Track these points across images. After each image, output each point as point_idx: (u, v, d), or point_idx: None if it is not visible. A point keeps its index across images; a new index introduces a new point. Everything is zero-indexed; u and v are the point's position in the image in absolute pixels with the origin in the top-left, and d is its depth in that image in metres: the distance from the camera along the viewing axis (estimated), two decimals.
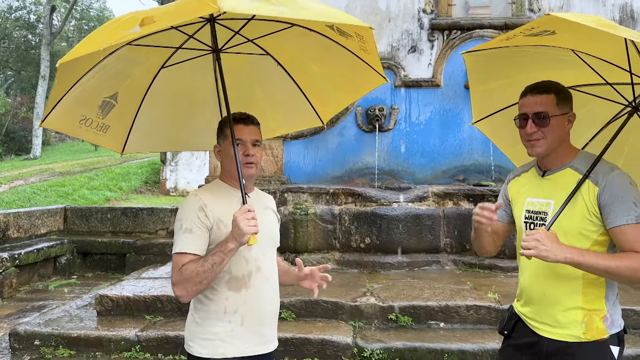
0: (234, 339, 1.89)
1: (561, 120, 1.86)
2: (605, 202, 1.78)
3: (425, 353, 3.70)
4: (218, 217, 1.87)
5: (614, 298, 1.88)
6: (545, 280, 1.90)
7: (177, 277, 1.80)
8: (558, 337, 1.87)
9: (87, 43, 1.66)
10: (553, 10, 6.52)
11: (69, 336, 3.98)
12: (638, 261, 1.72)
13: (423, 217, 5.33)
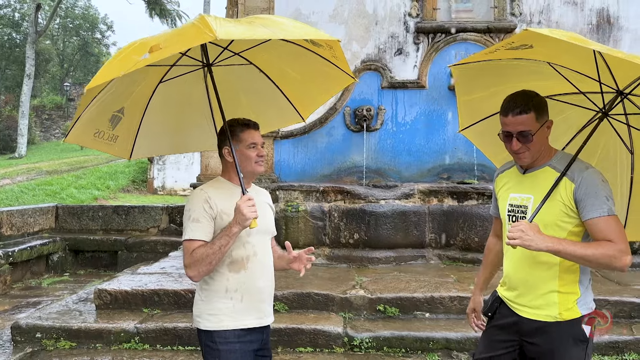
0: (235, 314, 2.15)
1: (542, 132, 2.05)
2: (581, 197, 1.97)
3: (411, 341, 3.92)
4: (221, 209, 2.13)
5: (587, 283, 2.10)
6: (527, 267, 2.11)
7: (189, 260, 2.06)
8: (536, 317, 2.08)
9: (107, 70, 1.91)
10: (533, 14, 6.79)
11: (70, 328, 4.13)
12: (610, 249, 1.91)
13: (409, 214, 5.55)
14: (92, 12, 39.04)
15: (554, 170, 2.05)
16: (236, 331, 2.14)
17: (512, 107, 2.04)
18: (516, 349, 2.14)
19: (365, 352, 3.91)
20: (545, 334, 2.06)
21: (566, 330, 2.03)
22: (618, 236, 1.92)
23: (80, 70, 38.94)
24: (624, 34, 6.78)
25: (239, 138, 2.19)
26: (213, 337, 2.13)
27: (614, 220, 1.95)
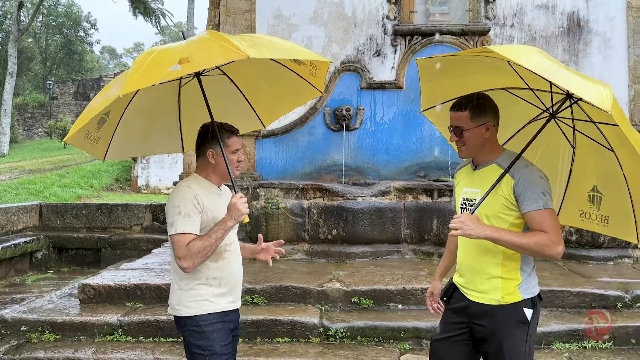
0: (215, 298, 2.38)
1: (476, 131, 2.26)
2: (519, 191, 2.18)
3: (384, 331, 4.11)
4: (206, 205, 2.34)
5: (529, 270, 2.29)
6: (474, 255, 2.33)
7: (185, 253, 2.24)
8: (483, 301, 2.29)
9: (142, 78, 2.02)
10: (507, 17, 7.02)
11: (54, 322, 4.25)
12: (543, 238, 2.14)
13: (385, 210, 5.75)
14: (75, 10, 38.77)
15: (499, 167, 2.25)
16: (217, 313, 2.36)
17: (455, 104, 2.30)
18: (468, 331, 2.34)
19: (340, 341, 4.09)
20: (490, 317, 2.26)
21: (509, 313, 2.23)
22: (551, 228, 2.13)
23: (63, 69, 38.65)
24: (593, 36, 7.04)
25: (224, 143, 2.38)
26: (197, 321, 2.33)
27: (548, 214, 2.16)
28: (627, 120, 2.09)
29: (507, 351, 2.22)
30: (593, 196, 2.40)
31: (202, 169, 2.45)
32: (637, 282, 4.75)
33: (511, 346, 2.22)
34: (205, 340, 2.32)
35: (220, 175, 2.44)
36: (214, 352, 2.32)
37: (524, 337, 2.23)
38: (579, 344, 4.02)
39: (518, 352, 2.23)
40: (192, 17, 32.00)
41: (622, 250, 5.61)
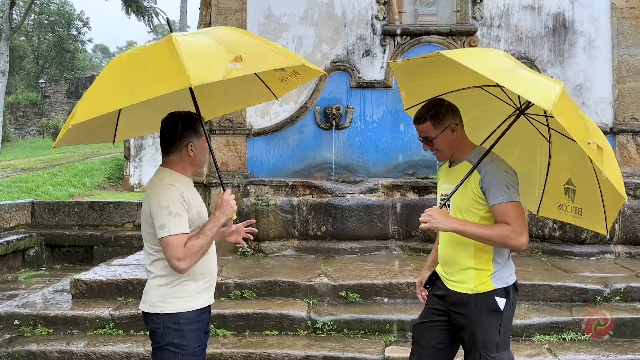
0: (199, 294, 2.38)
1: (443, 135, 2.42)
2: (485, 186, 2.33)
3: (370, 323, 4.22)
4: (190, 202, 2.33)
5: (502, 261, 2.42)
6: (450, 247, 2.48)
7: (185, 253, 2.21)
8: (458, 290, 2.43)
9: (205, 72, 1.96)
10: (493, 18, 7.14)
11: (47, 316, 4.33)
12: (505, 230, 2.28)
13: (373, 207, 5.86)
14: (67, 9, 38.65)
15: (470, 164, 2.39)
16: (198, 311, 2.35)
17: (415, 118, 2.46)
18: (446, 318, 2.49)
19: (327, 334, 4.20)
20: (465, 305, 2.40)
21: (481, 301, 2.37)
22: (514, 220, 2.27)
23: (56, 67, 38.54)
24: (578, 37, 7.17)
25: (199, 132, 2.35)
26: (177, 318, 2.29)
27: (512, 206, 2.29)
28: (579, 115, 2.20)
29: (480, 338, 2.36)
30: (568, 189, 2.53)
31: (176, 163, 2.37)
32: (617, 276, 4.89)
33: (484, 333, 2.35)
34: (182, 338, 2.29)
35: (196, 166, 2.43)
36: (188, 352, 2.30)
37: (497, 325, 2.36)
38: (559, 335, 4.14)
39: (491, 339, 2.35)
40: (185, 15, 31.99)
41: (604, 246, 5.75)
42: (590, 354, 3.86)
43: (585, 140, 2.02)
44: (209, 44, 2.12)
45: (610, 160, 2.21)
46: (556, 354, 3.85)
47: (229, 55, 2.01)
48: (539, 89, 2.04)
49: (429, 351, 2.51)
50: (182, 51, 1.98)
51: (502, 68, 2.21)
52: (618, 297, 4.50)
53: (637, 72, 7.05)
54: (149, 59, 2.10)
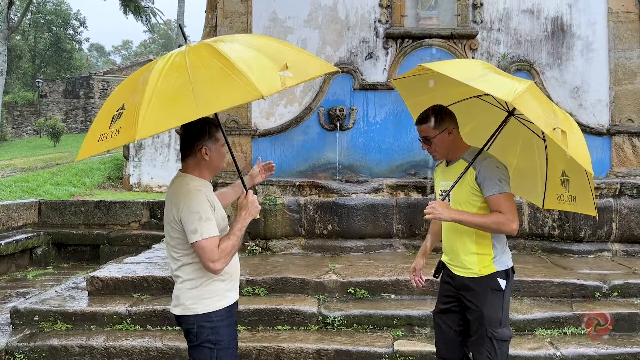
0: (227, 292, 2.51)
1: (441, 137, 2.71)
2: (480, 180, 2.63)
3: (378, 319, 4.38)
4: (215, 205, 2.44)
5: (501, 247, 2.72)
6: (453, 236, 2.77)
7: (219, 255, 2.31)
8: (464, 274, 2.73)
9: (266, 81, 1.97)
10: (493, 22, 7.31)
11: (66, 312, 4.47)
12: (499, 217, 2.58)
13: (378, 207, 6.02)
14: (64, 8, 38.60)
15: (465, 162, 2.68)
16: (228, 307, 2.49)
17: (418, 119, 2.74)
18: (457, 301, 2.78)
19: (337, 329, 4.35)
20: (470, 288, 2.69)
21: (485, 282, 2.66)
22: (506, 209, 2.58)
23: (52, 67, 38.50)
24: (576, 40, 7.35)
25: (216, 137, 2.43)
26: (210, 317, 2.40)
27: (504, 197, 2.60)
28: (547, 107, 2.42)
29: (486, 315, 2.64)
30: (563, 180, 2.79)
31: (194, 167, 2.45)
32: (615, 273, 5.07)
33: (489, 311, 2.65)
34: (216, 335, 2.41)
35: (213, 171, 2.50)
36: (223, 347, 2.42)
37: (500, 303, 2.66)
38: (560, 330, 4.32)
39: (495, 316, 2.66)
40: (182, 15, 32.03)
41: (602, 244, 5.93)
42: (590, 347, 4.04)
43: (551, 126, 2.27)
44: (251, 52, 2.13)
45: (576, 141, 2.43)
46: (558, 347, 4.02)
47: (275, 64, 2.05)
48: (503, 86, 2.34)
49: (451, 335, 2.81)
50: (236, 61, 2.00)
51: (477, 74, 2.49)
52: (616, 293, 4.68)
53: (633, 75, 7.24)
54: (203, 69, 2.05)
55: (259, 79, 1.95)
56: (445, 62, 2.75)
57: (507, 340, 2.69)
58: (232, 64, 1.99)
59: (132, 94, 2.15)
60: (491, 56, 7.27)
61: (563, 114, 2.55)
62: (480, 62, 2.84)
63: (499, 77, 2.46)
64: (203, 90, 1.96)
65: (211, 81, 2.00)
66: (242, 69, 1.96)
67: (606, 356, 3.97)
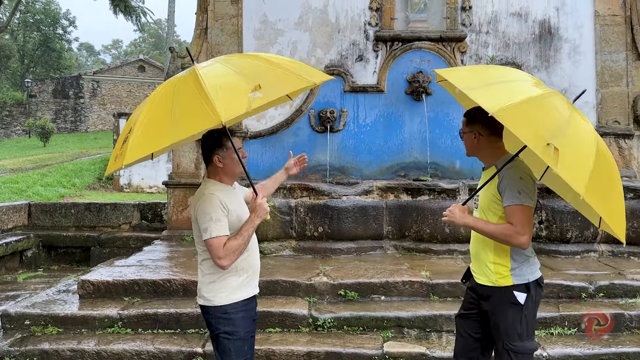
0: (243, 287, 2.72)
1: (469, 136, 2.72)
2: (502, 189, 2.60)
3: (368, 320, 4.43)
4: (229, 208, 2.63)
5: (521, 259, 2.65)
6: (476, 243, 2.78)
7: (224, 252, 2.53)
8: (483, 282, 2.72)
9: (231, 106, 2.17)
10: (482, 25, 7.38)
11: (57, 316, 4.47)
12: (507, 229, 2.55)
13: (368, 209, 6.07)
14: (53, 7, 38.32)
15: (496, 169, 2.65)
16: (244, 301, 2.70)
17: (466, 111, 2.75)
18: (477, 308, 2.77)
19: (327, 330, 4.39)
20: (488, 296, 2.68)
21: (502, 294, 2.63)
22: (518, 221, 2.53)
23: (42, 66, 38.22)
24: (563, 43, 7.45)
25: (227, 145, 2.65)
26: (226, 309, 2.65)
27: (520, 209, 2.54)
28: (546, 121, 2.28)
29: (503, 328, 2.62)
30: None
31: (214, 173, 2.72)
32: (601, 274, 5.14)
33: (506, 324, 2.61)
34: (232, 326, 2.64)
35: (230, 176, 2.73)
36: (239, 337, 2.65)
37: (518, 317, 2.61)
38: (547, 330, 4.38)
39: (512, 330, 2.61)
40: (172, 15, 31.94)
41: (588, 244, 6.02)
42: (576, 347, 4.11)
43: (545, 141, 2.15)
44: (228, 75, 2.34)
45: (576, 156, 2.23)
46: (544, 348, 4.09)
47: (249, 85, 2.24)
48: (498, 97, 2.26)
49: (469, 340, 2.80)
50: (208, 85, 2.21)
51: (484, 82, 2.44)
52: (602, 293, 4.75)
53: (619, 77, 7.35)
54: (185, 93, 2.30)
55: (223, 105, 2.13)
56: (466, 68, 2.65)
57: (528, 354, 2.62)
58: (204, 91, 2.18)
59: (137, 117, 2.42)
60: (480, 59, 7.34)
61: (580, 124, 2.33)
62: (517, 70, 2.69)
63: (512, 85, 2.35)
64: (180, 117, 2.23)
65: (185, 108, 2.24)
66: (210, 96, 2.16)
67: (592, 356, 4.04)
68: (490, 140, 2.69)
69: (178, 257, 5.93)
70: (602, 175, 2.32)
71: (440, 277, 4.89)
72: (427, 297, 4.76)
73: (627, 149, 7.29)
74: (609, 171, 2.39)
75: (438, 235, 5.88)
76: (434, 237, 5.91)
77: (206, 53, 7.35)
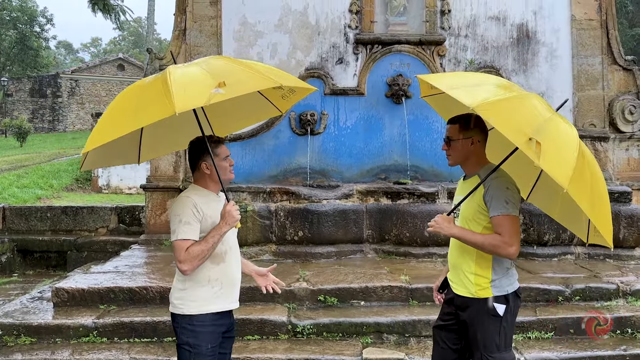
0: (215, 299, 2.60)
1: (463, 143, 2.65)
2: (487, 199, 2.57)
3: (347, 326, 4.41)
4: (205, 213, 2.57)
5: (501, 271, 2.64)
6: (455, 253, 2.74)
7: (185, 257, 2.48)
8: (462, 293, 2.68)
9: (190, 99, 2.17)
10: (461, 28, 7.42)
11: (30, 325, 4.37)
12: (496, 239, 2.53)
13: (349, 212, 6.06)
14: (30, 5, 37.64)
15: (479, 178, 2.62)
16: (213, 314, 2.58)
17: (450, 118, 2.69)
18: (456, 319, 2.73)
19: (307, 337, 4.37)
20: (467, 307, 2.65)
21: (481, 306, 2.61)
22: (506, 232, 2.51)
23: (18, 65, 37.50)
24: (541, 47, 7.53)
25: (215, 153, 2.60)
26: (192, 320, 2.56)
27: (507, 219, 2.53)
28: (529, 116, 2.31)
29: (481, 339, 2.60)
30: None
31: (199, 179, 2.67)
32: (577, 277, 5.21)
33: (484, 335, 2.60)
34: (194, 339, 2.54)
35: (217, 182, 2.66)
36: (200, 352, 2.54)
37: (497, 328, 2.60)
38: (524, 334, 4.41)
39: (491, 341, 2.60)
40: (152, 13, 31.56)
41: (565, 247, 6.09)
42: (553, 351, 4.14)
43: (527, 136, 2.17)
44: (197, 73, 2.35)
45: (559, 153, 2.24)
46: (522, 352, 4.11)
47: (214, 81, 2.23)
48: (477, 94, 2.29)
49: (448, 352, 2.76)
50: (172, 80, 2.23)
51: (466, 83, 2.46)
52: (578, 297, 4.81)
53: (595, 81, 7.45)
54: (151, 88, 2.35)
55: (181, 97, 2.14)
56: (449, 74, 2.63)
57: None
58: (167, 84, 2.21)
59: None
60: (459, 62, 7.39)
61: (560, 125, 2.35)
62: (498, 77, 2.73)
63: (491, 88, 2.38)
64: (141, 106, 2.31)
65: (146, 100, 2.31)
66: (171, 87, 2.18)
67: None
68: (482, 147, 2.69)
69: (156, 262, 5.86)
70: (586, 176, 2.34)
71: (420, 282, 4.90)
72: (406, 301, 4.76)
73: (602, 152, 7.40)
74: (592, 174, 2.39)
75: (418, 239, 5.89)
76: (414, 240, 5.93)
77: (185, 54, 7.26)
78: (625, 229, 5.99)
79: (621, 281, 5.00)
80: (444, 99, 2.82)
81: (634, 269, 5.57)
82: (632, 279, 5.11)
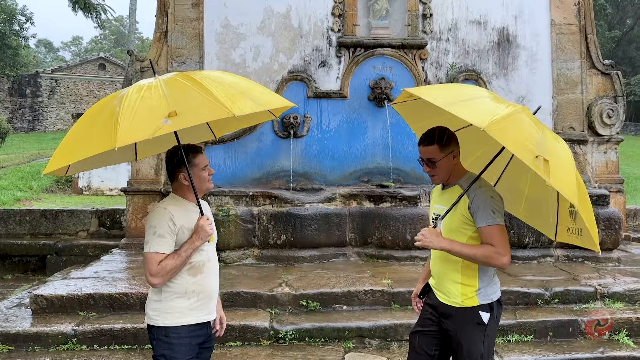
0: (191, 311, 2.56)
1: (446, 160, 2.62)
2: (473, 209, 2.55)
3: (330, 331, 4.42)
4: (181, 224, 2.53)
5: (487, 279, 2.64)
6: (440, 263, 2.71)
7: (157, 270, 2.45)
8: (447, 302, 2.67)
9: (134, 132, 2.13)
10: (442, 32, 7.48)
11: (8, 333, 4.30)
12: (488, 250, 2.51)
13: (331, 216, 6.07)
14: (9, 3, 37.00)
15: (461, 188, 2.62)
16: (190, 327, 2.55)
17: (422, 139, 2.64)
18: (439, 326, 2.72)
19: (289, 343, 4.36)
20: (452, 316, 2.64)
21: (467, 315, 2.61)
22: (497, 241, 2.50)
23: None
24: (521, 51, 7.62)
25: (192, 163, 2.56)
26: (167, 332, 2.52)
27: (496, 229, 2.52)
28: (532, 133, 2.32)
29: (466, 348, 2.60)
30: (571, 211, 2.59)
31: (177, 189, 2.63)
32: (556, 279, 5.28)
33: (469, 344, 2.60)
34: (170, 351, 2.51)
35: (196, 192, 2.61)
36: None
37: (481, 337, 2.60)
38: (504, 338, 4.46)
39: (475, 350, 2.60)
40: (134, 12, 31.26)
41: (544, 250, 6.17)
42: (532, 354, 4.20)
43: (533, 154, 2.19)
44: (154, 98, 2.26)
45: (564, 170, 2.29)
46: (502, 356, 4.16)
47: (167, 109, 2.17)
48: (481, 112, 2.28)
49: (423, 357, 2.74)
50: (125, 107, 2.20)
51: (459, 98, 2.44)
52: (557, 300, 4.87)
53: (574, 85, 7.56)
54: (104, 114, 2.32)
55: (126, 128, 2.12)
56: (434, 87, 2.61)
57: None
58: (118, 115, 2.18)
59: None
60: (440, 66, 7.44)
61: (553, 139, 2.42)
62: (478, 87, 2.75)
63: (484, 101, 2.39)
64: (86, 136, 2.32)
65: (95, 128, 2.30)
66: (119, 120, 2.15)
67: None
68: (458, 157, 2.69)
69: (137, 267, 5.80)
70: (580, 185, 2.38)
71: (402, 285, 4.93)
72: (388, 305, 4.78)
73: (582, 155, 7.51)
74: (578, 179, 2.42)
75: (400, 242, 5.92)
76: (396, 243, 5.96)
77: (166, 57, 7.21)
78: (603, 231, 6.08)
79: (599, 284, 5.08)
80: (412, 107, 2.85)
81: (611, 271, 5.66)
82: (609, 281, 5.20)
